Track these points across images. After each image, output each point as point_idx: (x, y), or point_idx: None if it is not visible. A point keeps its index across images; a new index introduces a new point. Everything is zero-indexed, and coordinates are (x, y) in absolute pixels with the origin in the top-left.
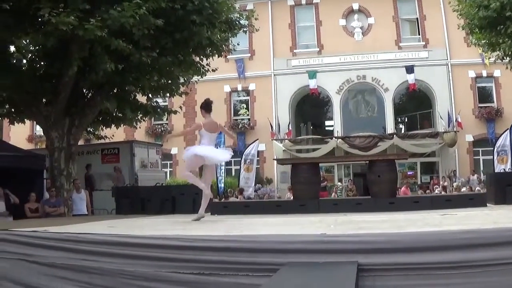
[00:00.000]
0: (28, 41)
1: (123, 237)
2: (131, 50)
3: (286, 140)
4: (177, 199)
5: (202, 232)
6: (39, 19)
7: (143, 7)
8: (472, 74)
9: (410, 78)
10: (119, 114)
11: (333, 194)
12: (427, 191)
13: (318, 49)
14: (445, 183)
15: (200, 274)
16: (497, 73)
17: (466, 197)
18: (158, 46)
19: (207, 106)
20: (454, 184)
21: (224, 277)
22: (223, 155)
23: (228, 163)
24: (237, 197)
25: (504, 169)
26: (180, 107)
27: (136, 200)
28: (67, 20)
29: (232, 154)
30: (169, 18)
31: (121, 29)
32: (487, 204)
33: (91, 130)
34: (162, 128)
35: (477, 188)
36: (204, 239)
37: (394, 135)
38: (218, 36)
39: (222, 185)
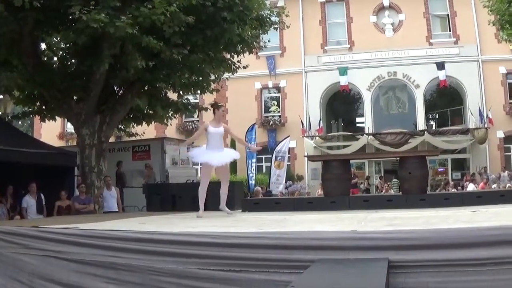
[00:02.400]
0: (59, 38)
1: (152, 234)
2: (161, 47)
3: (317, 137)
4: (208, 196)
5: (232, 229)
6: (70, 17)
7: (174, 4)
8: (503, 70)
9: (441, 75)
10: (150, 111)
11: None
12: (458, 187)
13: (348, 46)
14: (477, 179)
15: (230, 271)
16: None
17: (497, 193)
18: (188, 43)
19: (213, 109)
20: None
21: (255, 274)
22: (220, 158)
23: (259, 160)
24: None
25: None
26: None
27: (167, 197)
28: (98, 18)
29: (238, 155)
30: (200, 15)
31: (152, 26)
32: None
33: (122, 127)
34: (193, 125)
35: (508, 184)
36: (234, 235)
37: (425, 132)
38: (249, 33)
39: (253, 182)
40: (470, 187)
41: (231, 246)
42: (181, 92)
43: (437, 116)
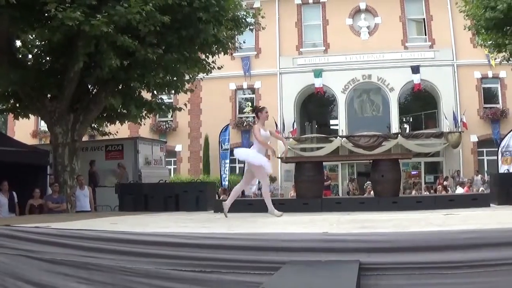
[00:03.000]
0: (34, 36)
1: (124, 234)
2: (136, 46)
3: (291, 139)
4: (181, 196)
5: (204, 230)
6: (46, 14)
7: (149, 3)
8: (477, 74)
9: (416, 78)
10: (124, 111)
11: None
12: (431, 191)
13: (324, 48)
14: (446, 183)
15: (201, 271)
16: (502, 74)
17: (469, 197)
18: (164, 42)
19: (256, 112)
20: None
21: (226, 275)
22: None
23: (232, 161)
24: (220, 197)
25: (508, 170)
26: (185, 104)
27: (140, 197)
28: (74, 16)
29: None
30: (176, 15)
31: (127, 25)
32: (491, 205)
33: (95, 126)
34: (167, 125)
35: (481, 188)
36: (205, 236)
37: (399, 135)
38: (224, 33)
39: (227, 182)
40: (459, 190)
41: (202, 247)
42: (155, 92)
43: (411, 120)
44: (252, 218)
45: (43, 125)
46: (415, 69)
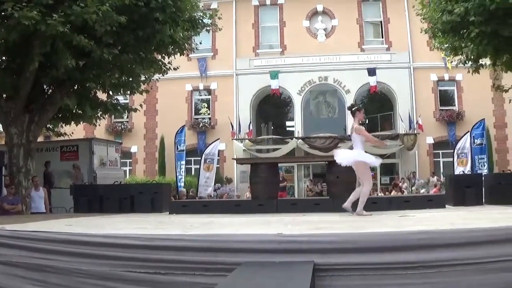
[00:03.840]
0: None
1: (79, 236)
2: (92, 46)
3: (247, 140)
4: (136, 198)
5: (159, 231)
6: (2, 13)
7: (106, 3)
8: (434, 77)
9: (372, 81)
10: (79, 111)
11: None
12: (386, 192)
13: (280, 50)
14: (403, 184)
15: (156, 273)
16: (459, 76)
17: (425, 198)
18: (120, 43)
19: (355, 111)
20: (414, 188)
21: (181, 276)
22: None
23: (188, 162)
24: (175, 199)
25: (464, 171)
26: (141, 105)
27: (95, 198)
28: (30, 15)
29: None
30: (132, 15)
31: (84, 25)
32: (446, 206)
33: (50, 127)
34: (122, 126)
35: (434, 189)
36: (160, 238)
37: None
38: (181, 34)
39: (182, 184)
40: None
41: (157, 248)
42: (110, 92)
43: (367, 121)
44: (207, 219)
45: None
46: (371, 72)
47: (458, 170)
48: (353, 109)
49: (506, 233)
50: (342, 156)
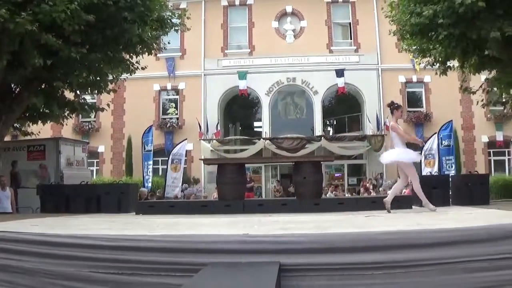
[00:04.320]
0: None
1: (44, 236)
2: (60, 45)
3: (214, 140)
4: (102, 198)
5: (125, 232)
6: None
7: (75, 2)
8: (402, 79)
9: (340, 82)
10: (46, 110)
11: None
12: (354, 193)
13: (249, 50)
14: (370, 185)
15: (122, 274)
16: (427, 78)
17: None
18: (88, 42)
19: (392, 109)
20: (381, 188)
21: (147, 277)
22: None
23: (155, 163)
24: (147, 199)
25: (431, 172)
26: (108, 105)
27: (61, 198)
28: None
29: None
30: (101, 14)
31: (52, 24)
32: (413, 206)
33: (17, 126)
34: (90, 126)
35: (404, 190)
36: (126, 238)
37: (322, 137)
38: (149, 34)
39: (149, 184)
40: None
41: (123, 249)
42: (78, 92)
43: (334, 122)
44: (174, 220)
45: None
46: (340, 73)
47: (426, 171)
48: (391, 107)
49: (472, 234)
50: (385, 157)
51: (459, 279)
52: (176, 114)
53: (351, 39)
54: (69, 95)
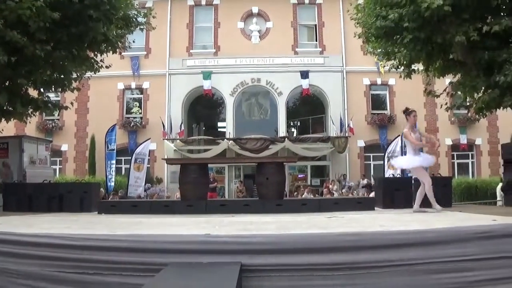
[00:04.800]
0: None
1: (7, 235)
2: (25, 42)
3: (178, 140)
4: (65, 197)
5: (87, 231)
6: None
7: None
8: (366, 81)
9: (304, 83)
10: (10, 108)
11: None
12: (316, 194)
13: (214, 51)
14: (334, 186)
15: (84, 273)
16: (391, 81)
17: (354, 200)
18: (53, 39)
19: (406, 115)
20: (344, 190)
21: (109, 277)
22: (425, 161)
23: (118, 162)
24: (104, 198)
25: (393, 174)
26: (72, 103)
27: (24, 197)
28: None
29: (434, 161)
30: (66, 12)
31: (17, 21)
32: (375, 208)
33: None
34: (53, 124)
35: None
36: (88, 238)
37: (286, 139)
38: (114, 32)
39: (112, 183)
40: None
41: (85, 248)
42: (42, 90)
43: (298, 124)
44: (136, 220)
45: None
46: (304, 74)
47: (388, 173)
48: (405, 113)
49: (434, 236)
50: (396, 163)
51: (421, 280)
52: (140, 113)
53: (316, 41)
54: (33, 92)
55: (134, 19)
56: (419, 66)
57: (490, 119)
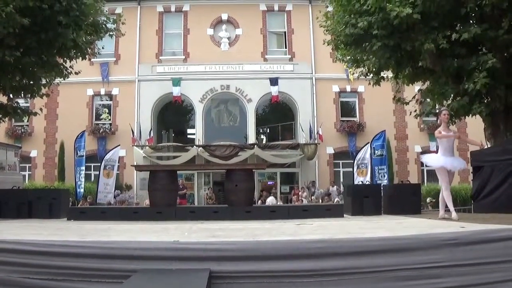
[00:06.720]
0: None
1: None
2: None
3: (147, 147)
4: (34, 203)
5: (55, 238)
6: None
7: (10, 5)
8: (336, 88)
9: (274, 90)
10: None
11: None
12: (286, 202)
13: (184, 57)
14: (303, 193)
15: (52, 279)
16: (361, 88)
17: (323, 207)
18: (22, 45)
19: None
20: (313, 197)
21: (77, 283)
22: (453, 163)
23: (88, 168)
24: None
25: (363, 182)
26: (41, 109)
27: None
28: None
29: (466, 164)
30: (36, 18)
31: None
32: (344, 215)
33: None
34: (22, 130)
35: (336, 199)
36: (56, 244)
37: (255, 145)
38: (83, 38)
39: (82, 190)
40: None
41: (53, 254)
42: (11, 95)
43: (268, 131)
44: (105, 226)
45: None
46: (274, 81)
47: (358, 180)
48: (437, 112)
49: (402, 243)
50: (424, 158)
51: (389, 287)
52: (109, 119)
53: (285, 48)
54: (2, 98)
55: (103, 26)
56: (388, 74)
57: (459, 126)
